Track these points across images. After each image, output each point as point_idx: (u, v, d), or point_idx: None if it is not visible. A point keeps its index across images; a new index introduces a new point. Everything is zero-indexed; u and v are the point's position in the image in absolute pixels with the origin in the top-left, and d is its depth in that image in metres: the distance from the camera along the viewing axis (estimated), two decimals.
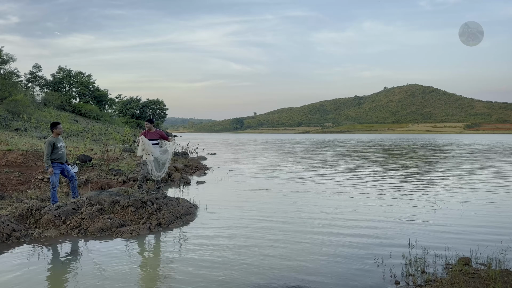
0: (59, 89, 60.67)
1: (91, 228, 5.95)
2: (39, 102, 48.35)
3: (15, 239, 5.49)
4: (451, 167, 16.49)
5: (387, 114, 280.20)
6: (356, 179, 12.36)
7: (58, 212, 6.23)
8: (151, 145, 8.60)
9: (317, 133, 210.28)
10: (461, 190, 10.09)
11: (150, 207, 6.76)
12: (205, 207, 7.81)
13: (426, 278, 4.14)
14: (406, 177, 13.03)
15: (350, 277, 4.26)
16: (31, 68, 61.64)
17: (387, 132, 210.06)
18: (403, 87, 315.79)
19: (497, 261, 4.53)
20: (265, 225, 6.46)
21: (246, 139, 68.33)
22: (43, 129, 26.59)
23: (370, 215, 7.20)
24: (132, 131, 26.77)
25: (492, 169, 15.56)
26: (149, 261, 4.93)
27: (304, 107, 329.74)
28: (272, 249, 5.22)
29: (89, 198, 6.86)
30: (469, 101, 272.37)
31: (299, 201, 8.62)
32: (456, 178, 12.84)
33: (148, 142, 8.56)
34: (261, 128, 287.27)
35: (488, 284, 3.91)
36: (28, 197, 8.08)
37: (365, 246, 5.32)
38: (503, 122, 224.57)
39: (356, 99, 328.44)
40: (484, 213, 7.43)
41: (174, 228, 6.31)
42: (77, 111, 54.52)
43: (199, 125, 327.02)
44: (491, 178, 12.77)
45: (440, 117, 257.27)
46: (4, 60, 43.08)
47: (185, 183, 11.23)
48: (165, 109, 78.45)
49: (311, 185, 11.11)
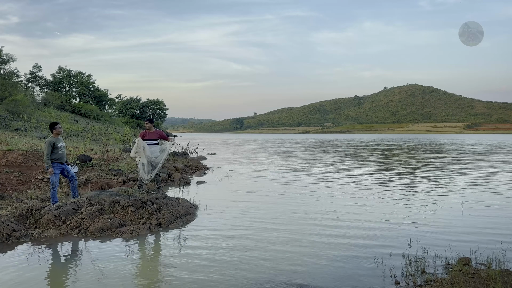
0: (59, 89, 60.72)
1: (91, 228, 5.96)
2: (39, 102, 48.38)
3: (15, 239, 5.50)
4: (451, 167, 16.49)
5: (387, 114, 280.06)
6: (356, 179, 12.37)
7: (58, 212, 6.24)
8: (147, 148, 8.42)
9: (317, 133, 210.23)
10: (461, 190, 10.09)
11: (150, 207, 6.76)
12: (205, 207, 7.81)
13: (426, 278, 4.14)
14: (406, 177, 13.04)
15: (350, 277, 4.26)
16: (31, 68, 61.74)
17: (387, 132, 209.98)
18: (403, 87, 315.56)
19: (497, 261, 4.53)
20: (265, 226, 6.46)
21: (246, 139, 68.34)
22: (43, 129, 26.61)
23: (370, 215, 7.20)
24: (132, 131, 26.78)
25: (492, 169, 15.56)
26: (149, 261, 4.93)
27: (304, 107, 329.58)
28: (272, 249, 5.22)
29: (89, 198, 6.87)
30: (469, 101, 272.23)
31: (299, 201, 8.63)
32: (456, 178, 12.84)
33: (144, 145, 8.40)
34: (261, 128, 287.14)
35: (488, 284, 3.91)
36: (28, 197, 8.08)
37: (365, 246, 5.32)
38: (503, 122, 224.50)
39: (356, 99, 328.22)
40: (484, 213, 7.43)
41: (174, 228, 6.32)
42: (77, 111, 54.55)
43: (199, 125, 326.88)
44: (491, 178, 12.77)
45: (440, 117, 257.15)
46: (4, 60, 43.13)
47: (185, 183, 11.23)
48: (165, 109, 78.48)
49: (311, 185, 11.12)
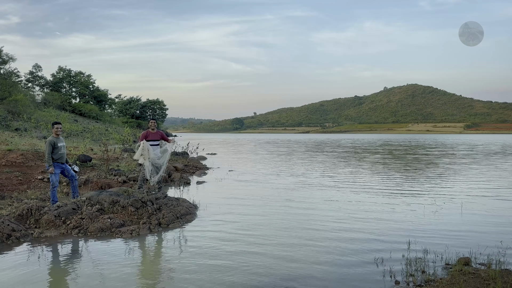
0: (59, 89, 60.73)
1: (91, 228, 5.96)
2: (39, 102, 48.40)
3: (15, 239, 5.49)
4: (451, 167, 16.49)
5: (387, 114, 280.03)
6: (356, 180, 12.36)
7: (58, 212, 6.24)
8: (151, 150, 8.46)
9: (317, 133, 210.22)
10: (461, 190, 10.08)
11: (150, 207, 6.76)
12: (205, 207, 7.81)
13: (426, 278, 4.14)
14: (406, 177, 13.04)
15: (350, 277, 4.26)
16: (31, 68, 61.70)
17: (387, 132, 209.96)
18: (403, 87, 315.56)
19: (497, 261, 4.53)
20: (264, 226, 6.46)
21: (246, 139, 68.34)
22: (43, 129, 26.63)
23: (370, 215, 7.20)
24: (132, 131, 26.80)
25: (492, 169, 15.56)
26: (149, 261, 4.93)
27: (304, 107, 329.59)
28: (272, 249, 5.22)
29: (89, 198, 6.87)
30: (469, 101, 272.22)
31: (298, 202, 8.63)
32: (456, 178, 12.84)
33: (149, 147, 8.43)
34: (261, 128, 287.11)
35: (488, 284, 3.91)
36: (28, 197, 8.08)
37: (365, 246, 5.32)
38: (503, 122, 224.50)
39: (356, 99, 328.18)
40: (484, 213, 7.43)
41: (174, 228, 6.32)
42: (77, 111, 54.58)
43: (199, 125, 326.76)
44: (491, 178, 12.77)
45: (440, 117, 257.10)
46: (4, 60, 43.11)
47: (185, 183, 11.23)
48: (165, 109, 78.48)
49: (310, 185, 11.11)
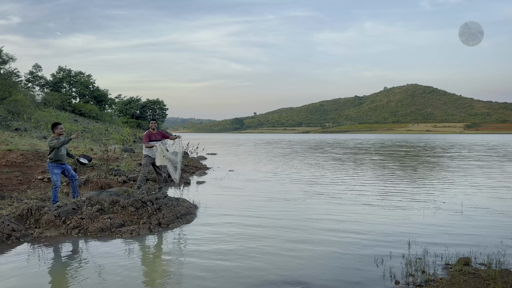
0: (59, 89, 60.63)
1: (91, 228, 5.96)
2: (39, 102, 48.32)
3: (15, 239, 5.49)
4: (451, 167, 16.49)
5: (387, 114, 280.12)
6: (356, 180, 12.37)
7: (58, 212, 6.24)
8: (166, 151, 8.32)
9: (317, 133, 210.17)
10: (461, 190, 10.08)
11: (150, 207, 6.76)
12: (205, 207, 7.81)
13: (426, 278, 4.14)
14: (406, 177, 13.03)
15: (350, 277, 4.26)
16: (31, 68, 61.66)
17: (387, 132, 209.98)
18: (403, 87, 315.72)
19: (497, 261, 4.53)
20: (264, 226, 6.46)
21: (246, 139, 68.33)
22: (43, 129, 26.60)
23: (369, 215, 7.20)
24: (132, 131, 26.78)
25: (492, 169, 15.56)
26: (149, 261, 4.93)
27: (304, 107, 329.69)
28: (272, 249, 5.22)
29: (89, 198, 6.87)
30: (469, 101, 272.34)
31: (298, 201, 8.63)
32: (456, 178, 12.83)
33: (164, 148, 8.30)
34: (261, 128, 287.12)
35: (488, 284, 3.91)
36: (28, 197, 8.08)
37: (365, 246, 5.32)
38: (503, 122, 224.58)
39: (356, 99, 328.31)
40: (484, 213, 7.43)
41: (174, 228, 6.32)
42: (77, 111, 54.50)
43: (199, 125, 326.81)
44: (491, 178, 12.76)
45: (440, 117, 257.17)
46: (4, 60, 43.07)
47: (185, 183, 11.22)
48: (165, 109, 78.39)
49: (310, 185, 11.11)
